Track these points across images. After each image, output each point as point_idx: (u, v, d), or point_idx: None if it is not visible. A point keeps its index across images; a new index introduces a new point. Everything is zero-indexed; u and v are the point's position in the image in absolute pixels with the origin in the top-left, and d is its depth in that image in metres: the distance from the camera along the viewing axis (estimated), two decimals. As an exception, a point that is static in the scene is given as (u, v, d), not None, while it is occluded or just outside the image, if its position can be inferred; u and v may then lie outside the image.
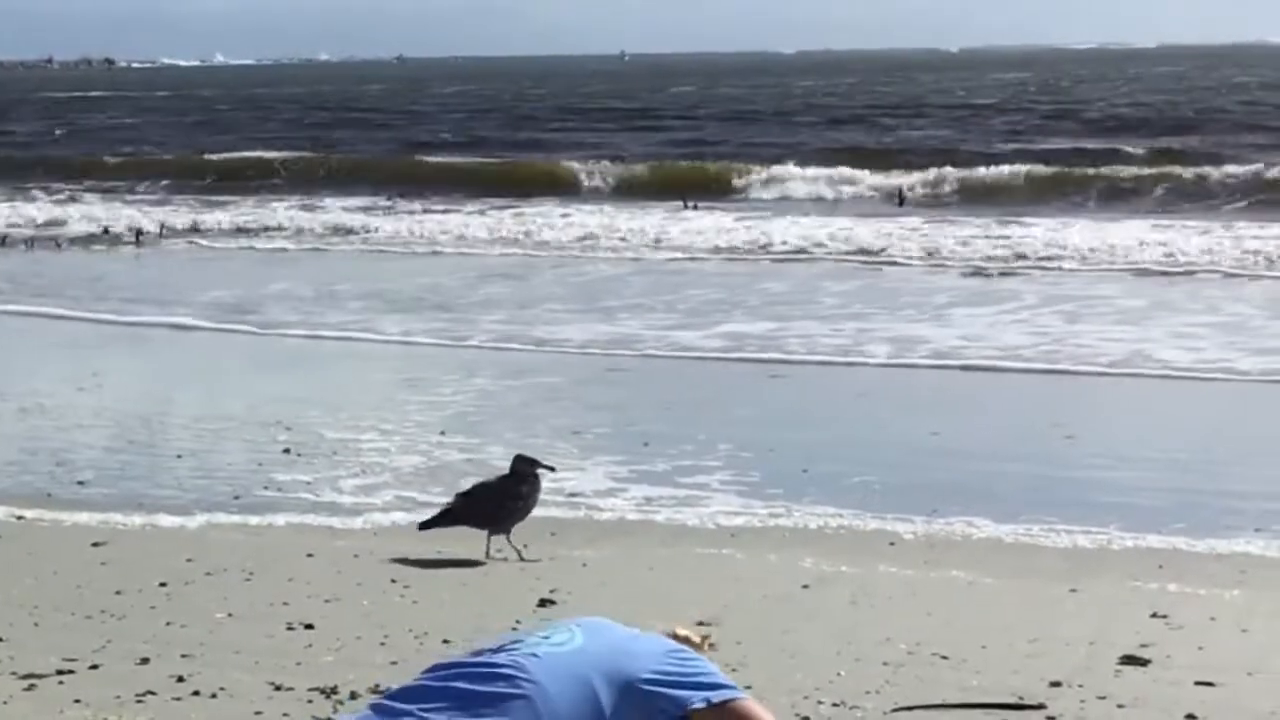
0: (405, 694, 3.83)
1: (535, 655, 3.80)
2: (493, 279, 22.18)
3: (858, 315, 17.87)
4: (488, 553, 8.76)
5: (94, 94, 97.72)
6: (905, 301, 18.98)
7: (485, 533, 8.81)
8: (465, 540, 8.97)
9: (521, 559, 8.68)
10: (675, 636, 4.14)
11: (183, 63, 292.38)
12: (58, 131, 55.47)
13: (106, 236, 29.21)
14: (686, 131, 49.21)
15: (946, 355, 15.13)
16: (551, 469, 9.29)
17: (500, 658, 3.81)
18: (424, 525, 8.96)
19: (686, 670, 3.89)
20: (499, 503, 8.81)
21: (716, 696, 3.86)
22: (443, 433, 12.09)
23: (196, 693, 6.42)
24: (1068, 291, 19.61)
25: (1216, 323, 16.92)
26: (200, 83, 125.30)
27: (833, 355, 15.35)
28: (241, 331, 17.67)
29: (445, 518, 8.88)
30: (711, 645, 4.22)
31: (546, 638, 3.88)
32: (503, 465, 10.85)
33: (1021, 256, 22.85)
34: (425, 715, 3.70)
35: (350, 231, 28.93)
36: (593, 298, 19.97)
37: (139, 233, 29.00)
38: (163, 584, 8.15)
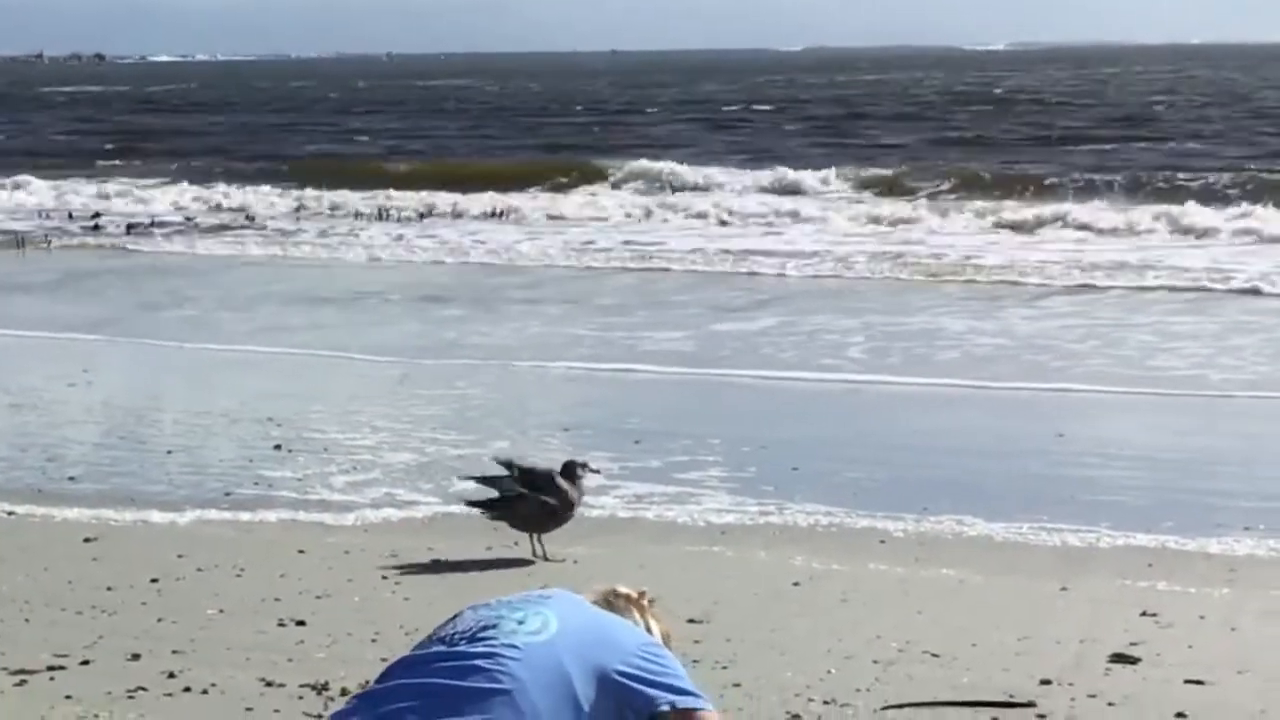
0: (384, 695, 3.79)
1: (515, 646, 3.77)
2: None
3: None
4: (535, 553, 8.75)
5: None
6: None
7: (529, 535, 8.80)
8: (455, 536, 8.99)
9: (545, 558, 8.69)
10: (615, 594, 4.15)
11: (168, 58, 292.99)
12: None
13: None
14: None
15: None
16: (597, 471, 9.32)
17: (479, 648, 3.78)
18: (475, 505, 8.91)
19: (657, 668, 3.89)
20: (547, 507, 8.74)
21: (681, 702, 3.87)
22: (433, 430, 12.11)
23: (188, 689, 6.42)
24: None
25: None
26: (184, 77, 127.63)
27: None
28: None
29: (495, 509, 8.82)
30: (651, 601, 4.20)
31: (521, 623, 3.84)
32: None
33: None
34: (407, 715, 3.68)
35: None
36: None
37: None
38: (154, 580, 8.15)
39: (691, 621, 7.23)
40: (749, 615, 7.52)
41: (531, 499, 8.72)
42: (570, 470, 8.87)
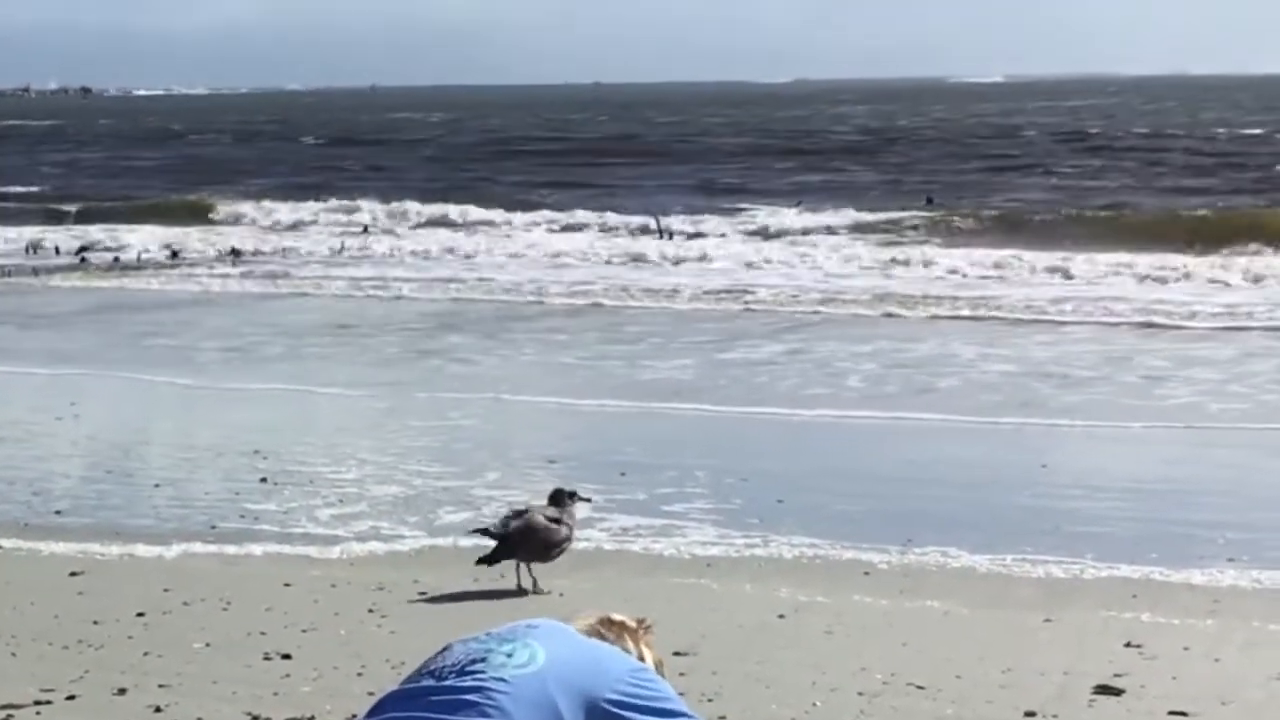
0: None
1: (503, 680, 3.78)
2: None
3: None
4: (520, 584, 8.74)
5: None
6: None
7: (517, 563, 8.79)
8: (441, 569, 8.99)
9: (534, 590, 8.69)
10: (608, 622, 4.15)
11: (151, 91, 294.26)
12: None
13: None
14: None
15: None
16: (588, 500, 9.36)
17: (467, 681, 3.79)
18: (485, 560, 8.80)
19: (648, 693, 3.89)
20: (549, 537, 8.75)
21: None
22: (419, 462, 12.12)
23: (174, 723, 6.43)
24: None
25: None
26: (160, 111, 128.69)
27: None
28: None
29: (502, 552, 8.75)
30: (647, 629, 4.21)
31: (509, 655, 3.85)
32: (480, 494, 10.91)
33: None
34: None
35: None
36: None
37: None
38: (140, 614, 8.15)
39: (677, 654, 7.23)
40: (735, 648, 7.54)
41: (539, 528, 8.72)
42: (558, 498, 8.90)
